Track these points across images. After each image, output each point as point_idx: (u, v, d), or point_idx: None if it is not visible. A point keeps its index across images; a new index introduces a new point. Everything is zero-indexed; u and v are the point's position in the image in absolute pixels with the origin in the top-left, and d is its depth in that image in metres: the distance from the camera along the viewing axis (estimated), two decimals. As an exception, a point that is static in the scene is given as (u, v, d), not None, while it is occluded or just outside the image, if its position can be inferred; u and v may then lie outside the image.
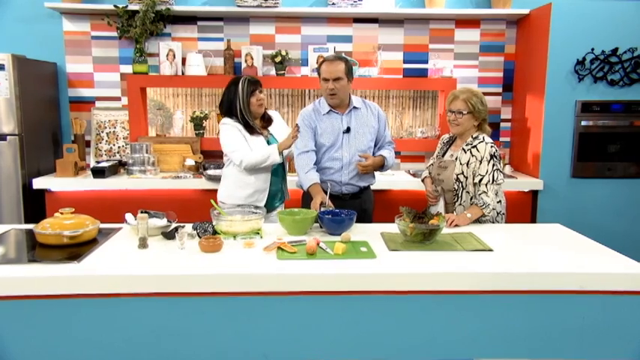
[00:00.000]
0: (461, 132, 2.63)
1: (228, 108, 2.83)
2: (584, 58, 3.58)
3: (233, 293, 1.82)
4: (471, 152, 2.56)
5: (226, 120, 2.83)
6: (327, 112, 2.77)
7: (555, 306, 1.87)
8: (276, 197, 2.94)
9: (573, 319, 1.87)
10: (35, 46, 3.91)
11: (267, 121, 2.93)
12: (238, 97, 2.77)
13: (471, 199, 2.57)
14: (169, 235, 2.21)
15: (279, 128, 2.98)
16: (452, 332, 1.88)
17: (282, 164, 2.94)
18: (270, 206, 2.85)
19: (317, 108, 2.80)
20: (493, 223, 2.61)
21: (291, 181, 3.38)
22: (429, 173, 2.82)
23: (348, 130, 2.74)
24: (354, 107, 2.78)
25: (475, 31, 4.14)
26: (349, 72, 2.70)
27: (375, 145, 2.86)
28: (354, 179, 2.78)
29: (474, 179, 2.55)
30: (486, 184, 2.51)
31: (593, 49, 3.57)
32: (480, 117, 2.61)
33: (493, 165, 2.52)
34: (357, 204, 2.76)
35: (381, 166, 2.83)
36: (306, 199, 2.88)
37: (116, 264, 1.91)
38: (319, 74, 2.71)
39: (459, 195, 2.59)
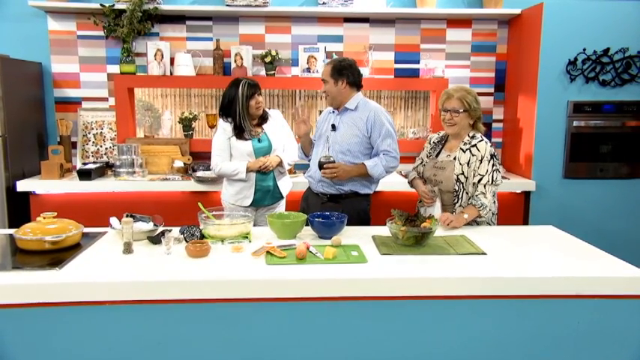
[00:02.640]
0: (457, 132, 2.58)
1: (226, 108, 2.93)
2: (575, 59, 3.57)
3: (220, 300, 1.77)
4: (470, 151, 2.52)
5: (221, 122, 2.98)
6: (332, 111, 2.88)
7: (549, 311, 1.84)
8: (267, 195, 3.00)
9: (568, 324, 1.84)
10: (19, 46, 3.82)
11: (262, 119, 3.03)
12: (238, 100, 2.88)
13: (469, 199, 2.52)
14: (155, 239, 2.16)
15: (276, 127, 3.06)
16: (444, 338, 1.85)
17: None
18: (260, 203, 2.99)
19: (330, 107, 2.93)
20: (489, 224, 2.58)
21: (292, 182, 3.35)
22: (418, 174, 2.76)
23: (333, 128, 2.77)
24: (346, 108, 2.77)
25: (467, 31, 4.12)
26: (336, 73, 2.71)
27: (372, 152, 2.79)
28: (326, 178, 2.73)
29: (473, 178, 2.49)
30: (485, 185, 2.46)
31: (584, 50, 3.56)
32: (476, 115, 2.56)
33: (493, 165, 2.48)
34: (334, 209, 2.60)
35: (368, 175, 2.73)
36: (306, 197, 2.94)
37: (99, 270, 1.85)
38: None
39: (459, 196, 2.54)
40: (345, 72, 2.72)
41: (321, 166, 2.67)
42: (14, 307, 1.71)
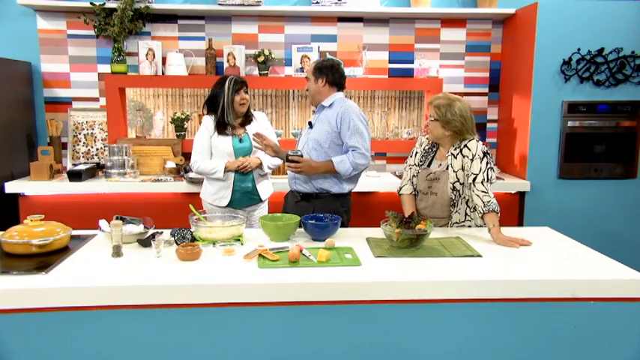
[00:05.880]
0: (433, 139, 2.52)
1: (211, 104, 2.95)
2: (570, 59, 3.56)
3: (211, 304, 1.74)
4: (461, 153, 2.45)
5: (205, 119, 2.98)
6: (314, 111, 2.90)
7: (545, 314, 1.81)
8: (245, 197, 2.98)
9: (564, 328, 1.82)
10: (8, 45, 3.77)
11: (246, 119, 3.01)
12: (223, 95, 2.89)
13: (467, 202, 2.48)
14: (145, 242, 2.12)
15: (259, 129, 3.00)
16: (439, 342, 1.82)
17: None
18: (237, 205, 2.95)
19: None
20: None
21: (276, 183, 3.30)
22: (412, 186, 2.62)
23: (310, 125, 2.80)
24: (322, 106, 2.78)
25: (461, 30, 4.10)
26: (317, 72, 2.74)
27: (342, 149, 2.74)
28: (299, 175, 2.71)
29: (467, 179, 2.42)
30: (482, 182, 2.36)
31: (579, 49, 3.55)
32: (449, 127, 2.43)
33: (487, 163, 2.40)
34: (306, 208, 2.65)
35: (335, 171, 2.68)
36: (287, 196, 2.92)
37: (87, 274, 1.81)
38: None
39: (455, 204, 2.48)
40: (325, 71, 2.74)
41: (287, 159, 2.66)
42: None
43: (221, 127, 2.92)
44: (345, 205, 2.78)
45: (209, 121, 2.95)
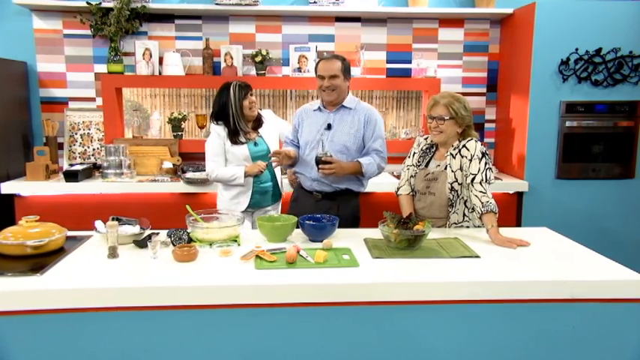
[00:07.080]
0: (443, 140, 2.47)
1: (220, 113, 2.90)
2: (568, 59, 3.55)
3: (207, 306, 1.72)
4: (460, 153, 2.44)
5: (214, 127, 2.92)
6: (317, 109, 2.81)
7: (544, 315, 1.80)
8: (265, 196, 2.99)
9: (563, 328, 1.81)
10: (4, 45, 3.75)
11: (257, 122, 3.01)
12: (230, 103, 2.86)
13: (465, 202, 2.47)
14: (142, 243, 2.10)
15: (271, 129, 3.04)
16: (438, 343, 1.81)
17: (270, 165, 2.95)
18: (258, 205, 2.99)
19: (310, 106, 2.88)
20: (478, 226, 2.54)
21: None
22: (410, 186, 2.60)
23: (329, 127, 2.74)
24: (343, 106, 2.75)
25: (459, 30, 4.09)
26: (346, 71, 2.72)
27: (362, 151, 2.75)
28: (323, 177, 2.68)
29: (466, 180, 2.41)
30: (480, 183, 2.35)
31: (577, 49, 3.54)
32: (464, 123, 2.45)
33: (485, 164, 2.39)
34: (330, 207, 2.67)
35: (361, 173, 2.69)
36: (296, 198, 2.89)
37: (82, 275, 1.80)
38: (316, 72, 2.75)
39: (454, 204, 2.46)
40: (350, 72, 2.78)
41: (318, 162, 2.60)
42: (-7, 314, 1.66)
43: (235, 136, 2.88)
44: (360, 202, 2.86)
45: (219, 128, 2.90)
